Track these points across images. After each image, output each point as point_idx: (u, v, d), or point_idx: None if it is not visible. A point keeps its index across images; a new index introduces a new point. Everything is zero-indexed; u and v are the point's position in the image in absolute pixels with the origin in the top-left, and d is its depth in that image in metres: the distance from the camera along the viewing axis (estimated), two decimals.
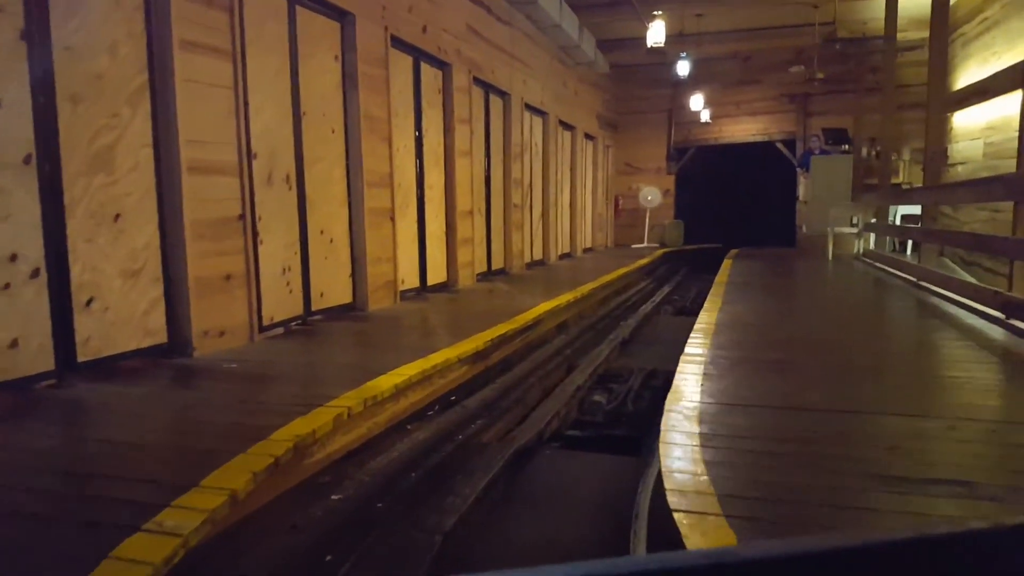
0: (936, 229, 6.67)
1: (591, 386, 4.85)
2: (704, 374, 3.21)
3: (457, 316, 5.37)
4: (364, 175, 5.36)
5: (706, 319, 4.93)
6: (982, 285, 5.12)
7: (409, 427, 3.29)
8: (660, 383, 5.02)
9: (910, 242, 10.82)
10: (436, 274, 6.71)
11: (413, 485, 2.83)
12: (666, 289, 10.11)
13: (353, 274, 5.34)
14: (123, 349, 3.50)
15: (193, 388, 3.17)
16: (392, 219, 5.76)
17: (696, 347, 3.85)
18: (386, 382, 3.00)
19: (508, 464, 3.09)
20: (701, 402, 2.70)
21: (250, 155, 4.25)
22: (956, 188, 5.93)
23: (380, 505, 2.61)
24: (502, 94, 8.28)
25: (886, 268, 8.49)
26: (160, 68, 3.69)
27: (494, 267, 8.14)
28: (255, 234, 4.24)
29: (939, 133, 6.89)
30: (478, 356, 3.92)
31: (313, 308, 4.84)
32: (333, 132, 5.18)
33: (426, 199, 6.49)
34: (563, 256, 11.04)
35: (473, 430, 3.50)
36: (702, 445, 2.20)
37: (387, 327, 4.74)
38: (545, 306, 5.47)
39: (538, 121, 9.70)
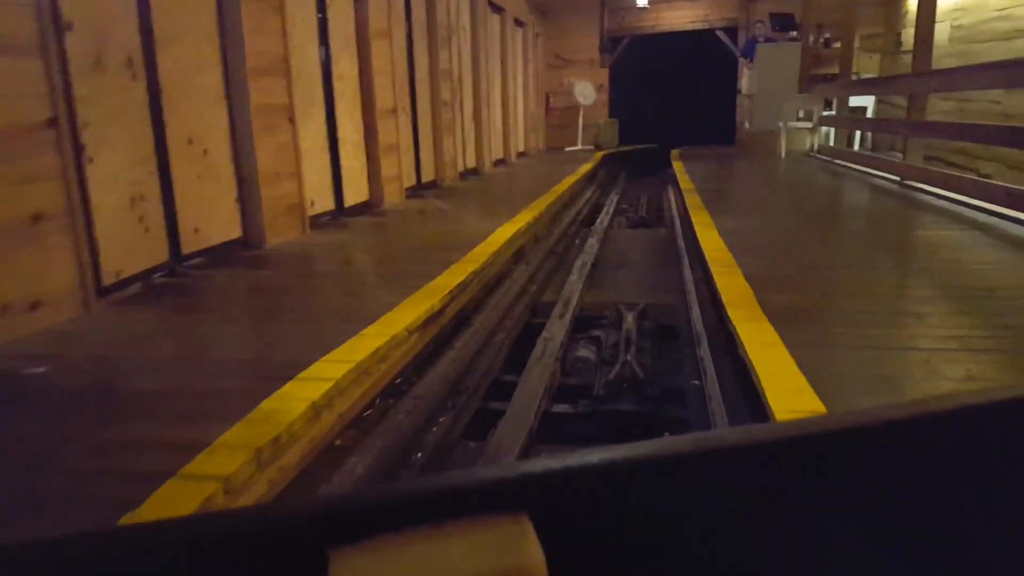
0: (935, 121, 5.78)
1: (569, 333, 3.76)
2: (786, 344, 2.13)
3: (391, 251, 4.07)
4: (248, 58, 3.87)
5: (712, 242, 3.87)
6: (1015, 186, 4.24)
7: (338, 444, 2.11)
8: (654, 326, 3.98)
9: (857, 136, 10.10)
10: (355, 192, 5.34)
11: None
12: (613, 197, 9.01)
13: (241, 198, 3.94)
14: None
15: None
16: (292, 120, 4.32)
17: (734, 290, 2.77)
18: (297, 398, 1.78)
19: None
20: None
21: (59, 24, 2.74)
22: (972, 72, 4.96)
23: None
24: None
25: (855, 167, 7.66)
26: None
27: (424, 179, 6.79)
28: (79, 149, 2.78)
29: (931, 11, 5.87)
30: (432, 319, 2.72)
31: (185, 251, 3.46)
32: None
33: (336, 94, 5.02)
34: (497, 163, 9.71)
35: (434, 438, 2.34)
36: None
37: (296, 275, 3.42)
38: (503, 233, 4.27)
39: (465, 0, 8.11)
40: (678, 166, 9.10)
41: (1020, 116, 6.32)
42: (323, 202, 4.87)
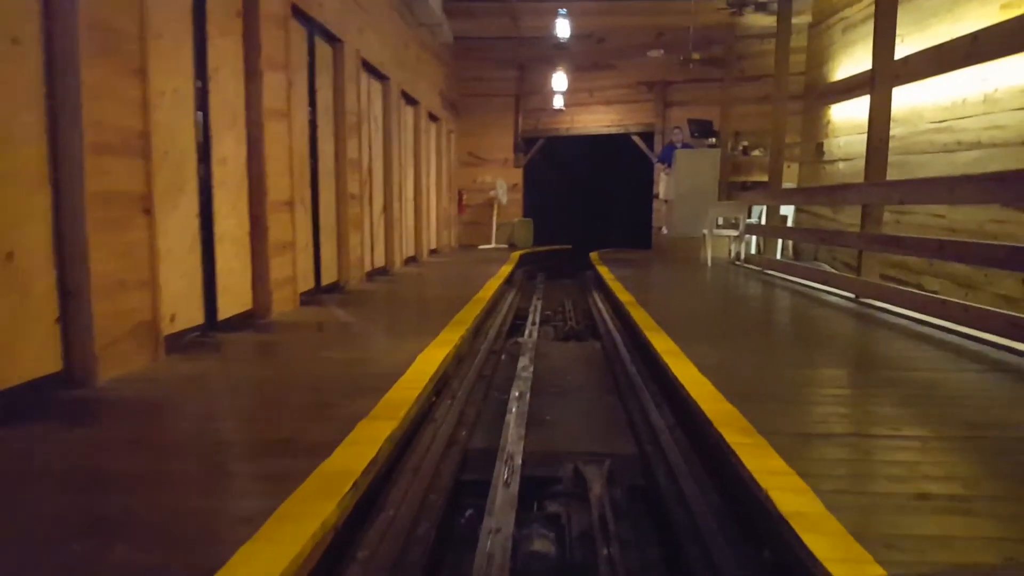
0: (902, 236, 5.39)
1: (517, 510, 2.79)
2: None
3: (272, 396, 2.90)
4: (87, 131, 2.86)
5: (695, 382, 3.06)
6: (1017, 315, 3.73)
7: None
8: (625, 494, 3.06)
9: (779, 244, 9.94)
10: (235, 300, 4.27)
11: None
12: (536, 303, 8.25)
13: (64, 317, 2.83)
14: None
15: None
16: (149, 212, 3.29)
17: (783, 484, 1.93)
18: None
19: None
20: None
21: None
22: (954, 184, 4.55)
23: None
24: (332, 40, 5.93)
25: (793, 279, 7.27)
26: None
27: (325, 281, 5.78)
28: None
29: (886, 115, 5.61)
30: (325, 535, 1.69)
31: None
32: (15, 42, 2.65)
33: (216, 181, 4.03)
34: (408, 261, 8.83)
35: None
36: None
37: (124, 443, 2.27)
38: (426, 363, 3.32)
39: (377, 87, 7.41)
40: (604, 271, 8.53)
41: (966, 231, 6.08)
42: (189, 315, 3.78)
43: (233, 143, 4.24)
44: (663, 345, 3.86)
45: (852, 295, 5.88)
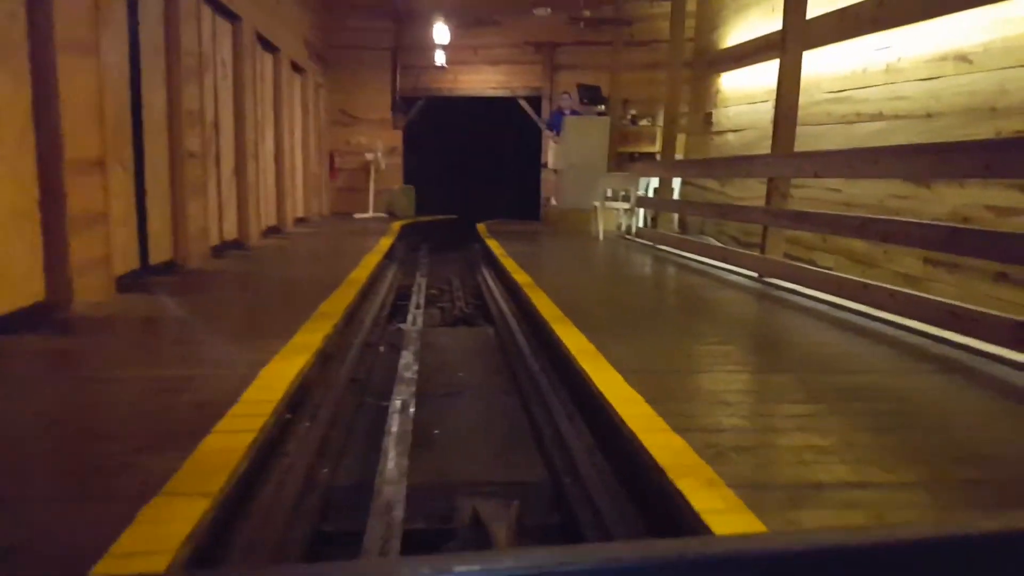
0: (817, 212, 5.02)
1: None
2: None
3: (32, 457, 1.92)
4: None
5: (622, 398, 2.42)
6: (959, 304, 3.38)
7: None
8: (539, 539, 2.39)
9: (673, 217, 9.65)
10: (15, 290, 3.19)
11: None
12: (420, 281, 7.45)
13: None
14: None
15: None
16: None
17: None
18: None
19: None
20: None
21: None
22: (877, 156, 4.16)
23: None
24: None
25: (689, 256, 6.89)
26: None
27: (154, 260, 4.69)
28: None
29: (796, 80, 5.22)
30: None
31: None
32: None
33: None
34: (269, 231, 7.72)
35: None
36: None
37: None
38: (274, 377, 2.48)
39: (226, 27, 6.23)
40: (494, 245, 7.85)
41: (863, 206, 5.86)
42: None
43: (7, 82, 3.13)
44: (575, 343, 3.21)
45: (754, 274, 5.52)
